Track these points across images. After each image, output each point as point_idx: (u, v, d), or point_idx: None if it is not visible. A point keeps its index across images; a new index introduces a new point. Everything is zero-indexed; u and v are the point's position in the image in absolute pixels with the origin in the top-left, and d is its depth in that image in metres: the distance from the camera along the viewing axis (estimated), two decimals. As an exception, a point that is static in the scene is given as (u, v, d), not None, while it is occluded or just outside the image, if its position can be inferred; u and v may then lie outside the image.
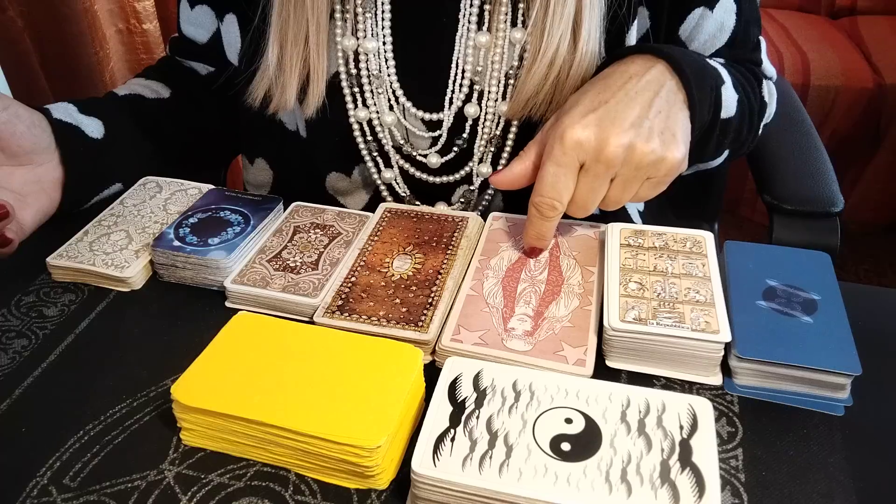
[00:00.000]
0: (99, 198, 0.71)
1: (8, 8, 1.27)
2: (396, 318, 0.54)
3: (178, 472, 0.46)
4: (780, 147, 0.82)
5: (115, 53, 1.48)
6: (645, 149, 0.52)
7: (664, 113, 0.54)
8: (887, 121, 1.77)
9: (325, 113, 0.68)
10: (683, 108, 0.56)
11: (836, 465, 0.45)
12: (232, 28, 0.72)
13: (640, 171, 0.53)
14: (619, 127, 0.52)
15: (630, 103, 0.54)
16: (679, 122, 0.55)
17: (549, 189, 0.54)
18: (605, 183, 0.54)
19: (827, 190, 0.74)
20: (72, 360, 0.54)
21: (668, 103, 0.55)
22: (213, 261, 0.59)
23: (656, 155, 0.52)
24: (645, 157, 0.52)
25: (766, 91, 0.73)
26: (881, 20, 1.98)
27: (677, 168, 0.54)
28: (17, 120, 0.61)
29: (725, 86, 0.63)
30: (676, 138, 0.54)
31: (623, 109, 0.53)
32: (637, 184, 0.54)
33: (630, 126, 0.52)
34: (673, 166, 0.53)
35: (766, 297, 0.53)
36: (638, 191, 0.55)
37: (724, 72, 0.65)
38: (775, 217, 0.74)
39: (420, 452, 0.42)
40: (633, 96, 0.54)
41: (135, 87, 0.77)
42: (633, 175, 0.54)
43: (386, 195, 0.73)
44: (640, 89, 0.55)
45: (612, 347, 0.51)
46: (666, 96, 0.55)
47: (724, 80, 0.63)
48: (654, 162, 0.53)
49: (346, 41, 0.66)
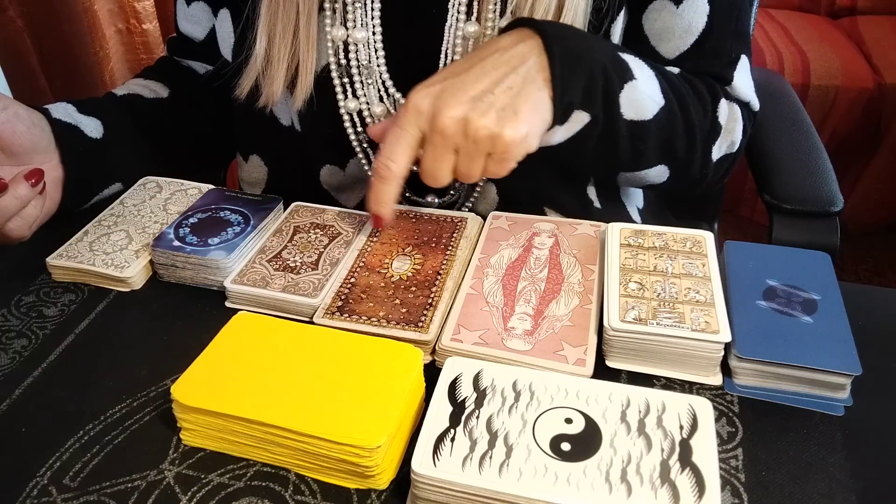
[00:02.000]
0: (99, 197, 0.71)
1: (8, 8, 1.27)
2: (396, 319, 0.54)
3: (178, 472, 0.46)
4: (780, 147, 0.82)
5: (115, 53, 1.48)
6: (478, 123, 0.51)
7: (515, 90, 0.53)
8: (887, 121, 1.77)
9: (316, 105, 0.68)
10: (543, 87, 0.54)
11: (836, 465, 0.45)
12: (225, 23, 0.72)
13: (479, 146, 0.52)
14: (457, 99, 0.52)
15: (481, 76, 0.53)
16: (529, 101, 0.53)
17: (387, 150, 0.54)
18: (446, 153, 0.53)
19: (827, 190, 0.74)
20: (72, 360, 0.54)
21: (525, 80, 0.53)
22: (213, 261, 0.59)
23: (490, 130, 0.51)
24: (478, 131, 0.51)
25: (725, 114, 0.67)
26: (881, 20, 1.98)
27: (516, 146, 0.52)
28: (16, 119, 0.61)
29: (634, 85, 0.59)
30: (518, 116, 0.52)
31: (471, 81, 0.53)
32: (480, 159, 0.53)
33: (469, 99, 0.52)
34: (509, 144, 0.52)
35: (766, 297, 0.53)
36: (486, 167, 0.54)
37: (644, 72, 0.61)
38: (775, 217, 0.74)
39: (420, 452, 0.42)
40: (488, 69, 0.53)
41: (133, 87, 0.77)
42: (473, 149, 0.53)
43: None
44: (499, 63, 0.54)
45: (612, 347, 0.51)
46: (525, 73, 0.53)
47: (636, 77, 0.59)
48: (488, 137, 0.52)
49: (335, 31, 0.66)
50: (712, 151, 0.67)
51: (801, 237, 0.72)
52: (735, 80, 0.68)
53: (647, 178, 0.67)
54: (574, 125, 0.58)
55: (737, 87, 0.69)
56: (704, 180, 0.69)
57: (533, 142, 0.54)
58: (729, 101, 0.68)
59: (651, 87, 0.61)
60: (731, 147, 0.69)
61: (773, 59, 1.78)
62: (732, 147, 0.69)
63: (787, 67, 1.76)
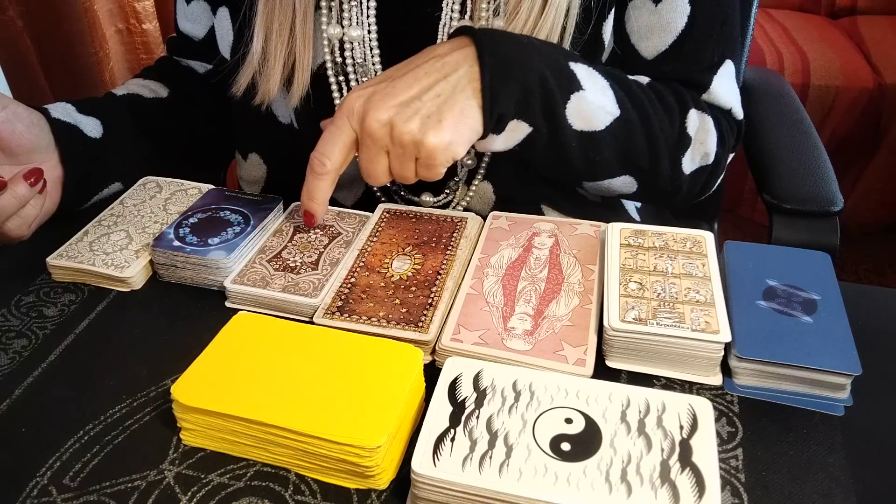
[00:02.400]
0: (99, 197, 0.71)
1: (8, 8, 1.28)
2: (396, 319, 0.54)
3: (178, 472, 0.46)
4: (780, 147, 0.82)
5: (115, 53, 1.48)
6: (402, 129, 0.53)
7: (443, 97, 0.54)
8: (887, 121, 1.77)
9: (312, 102, 0.68)
10: (472, 96, 0.54)
11: (836, 465, 0.45)
12: (224, 21, 0.73)
13: (406, 150, 0.54)
14: (385, 103, 0.53)
15: (413, 82, 0.54)
16: (455, 109, 0.54)
17: (322, 146, 0.56)
18: (378, 155, 0.55)
19: (826, 189, 0.74)
20: (72, 360, 0.54)
21: (455, 89, 0.54)
22: (213, 261, 0.59)
23: (413, 136, 0.53)
24: (402, 136, 0.53)
25: (695, 125, 0.65)
26: (881, 20, 1.98)
27: (439, 153, 0.53)
28: (15, 119, 0.61)
29: (581, 96, 0.58)
30: (441, 124, 0.53)
31: (402, 87, 0.54)
32: (409, 162, 0.55)
33: (397, 104, 0.53)
34: (431, 150, 0.53)
35: (766, 297, 0.53)
36: (417, 171, 0.55)
37: (597, 83, 0.60)
38: (775, 216, 0.74)
39: (420, 452, 0.42)
40: (420, 76, 0.55)
41: (133, 88, 0.78)
42: (401, 153, 0.54)
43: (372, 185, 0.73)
44: (432, 70, 0.55)
45: (612, 347, 0.51)
46: (455, 81, 0.54)
47: (584, 88, 0.59)
48: (412, 143, 0.53)
49: (331, 29, 0.66)
50: (682, 163, 0.66)
51: (801, 237, 0.72)
52: (714, 85, 0.67)
53: (612, 188, 0.66)
54: (515, 134, 0.59)
55: (715, 92, 0.67)
56: (679, 192, 0.68)
57: (458, 149, 0.54)
58: (700, 111, 0.66)
59: (603, 97, 0.60)
60: (706, 159, 0.67)
61: (773, 59, 1.78)
62: (707, 159, 0.67)
63: (787, 67, 1.76)
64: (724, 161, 0.69)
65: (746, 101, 0.92)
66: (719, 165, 0.69)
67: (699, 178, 0.68)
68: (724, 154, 0.68)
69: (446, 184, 0.72)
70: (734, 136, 0.70)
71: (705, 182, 0.69)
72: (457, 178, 0.71)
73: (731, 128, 0.70)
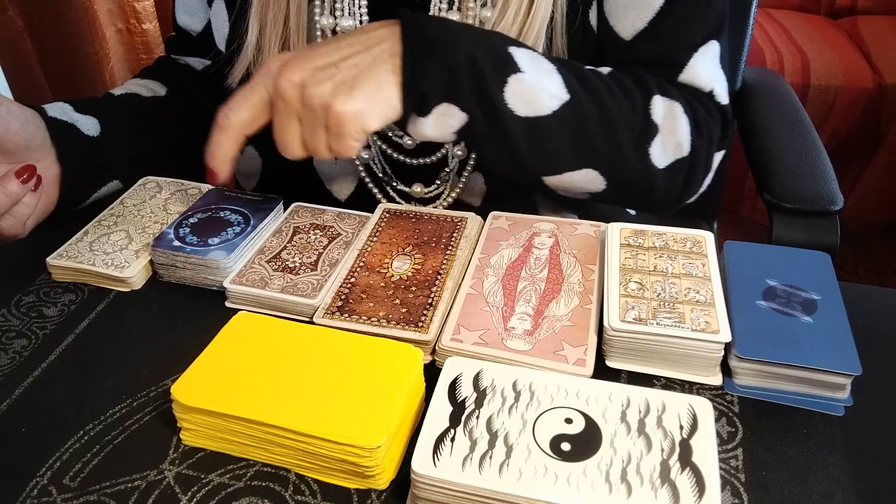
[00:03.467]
0: (97, 195, 0.71)
1: (8, 8, 1.28)
2: (396, 319, 0.54)
3: (178, 472, 0.46)
4: (780, 146, 0.82)
5: (115, 53, 1.48)
6: (313, 91, 0.52)
7: (360, 67, 0.54)
8: (887, 121, 1.77)
9: None
10: (391, 71, 0.54)
11: (836, 465, 0.45)
12: (220, 13, 0.73)
13: (315, 115, 0.53)
14: (300, 66, 0.53)
15: (333, 51, 0.54)
16: (371, 80, 0.53)
17: (232, 102, 0.56)
18: (290, 122, 0.55)
19: (826, 188, 0.74)
20: (72, 360, 0.54)
21: (374, 62, 0.54)
22: (213, 261, 0.59)
23: (322, 100, 0.52)
24: (312, 99, 0.52)
25: (661, 112, 0.62)
26: (881, 20, 1.98)
27: (347, 119, 0.52)
28: (9, 117, 0.61)
29: (520, 78, 0.56)
30: (353, 92, 0.52)
31: (322, 54, 0.54)
32: (320, 130, 0.54)
33: (312, 68, 0.53)
34: (339, 116, 0.52)
35: (766, 297, 0.53)
36: (328, 141, 0.54)
37: (541, 66, 0.58)
38: (775, 215, 0.74)
39: (420, 452, 0.42)
40: (343, 46, 0.55)
41: (131, 87, 0.78)
42: (311, 118, 0.54)
43: (364, 176, 0.74)
44: (356, 42, 0.55)
45: (612, 347, 0.51)
46: (377, 54, 0.54)
47: (523, 70, 0.57)
48: (321, 106, 0.53)
49: (324, 20, 0.67)
50: (650, 154, 0.62)
51: (801, 236, 0.72)
52: (693, 63, 0.64)
53: (575, 183, 0.63)
54: (448, 119, 0.57)
55: (694, 71, 0.64)
56: (655, 189, 0.64)
57: (369, 121, 0.53)
58: (667, 97, 0.63)
59: (548, 81, 0.58)
60: (680, 150, 0.63)
61: (773, 59, 1.78)
62: (681, 150, 0.63)
63: (787, 67, 1.76)
64: (704, 154, 0.64)
65: (746, 100, 0.93)
66: (699, 158, 0.64)
67: (677, 173, 0.64)
68: (703, 145, 0.64)
69: (437, 175, 0.72)
70: (719, 125, 0.66)
71: (687, 179, 0.65)
72: (448, 168, 0.71)
73: (713, 115, 0.66)
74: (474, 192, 0.72)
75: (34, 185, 0.62)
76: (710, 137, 0.65)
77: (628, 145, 0.61)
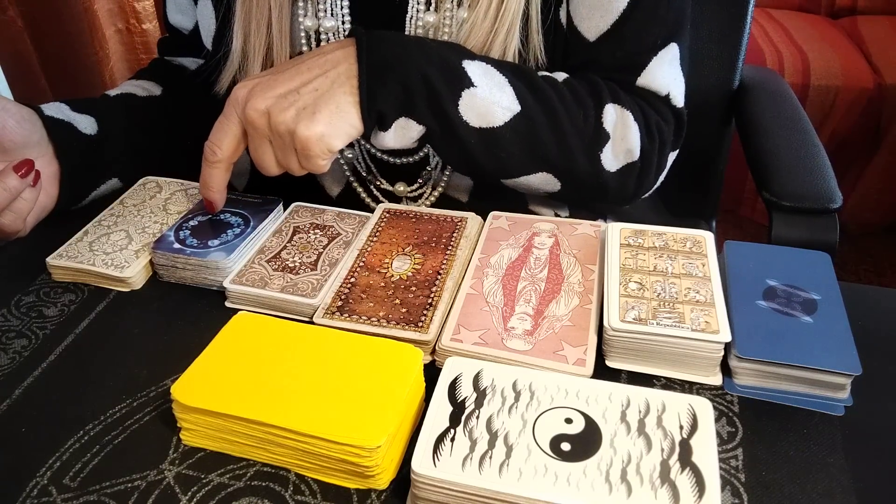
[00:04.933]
0: (97, 193, 0.71)
1: (8, 8, 1.28)
2: (396, 319, 0.54)
3: (178, 472, 0.46)
4: (779, 145, 0.82)
5: (115, 53, 1.48)
6: (277, 118, 0.56)
7: (320, 91, 0.57)
8: (887, 121, 1.77)
9: None
10: (349, 92, 0.57)
11: (836, 465, 0.45)
12: (206, 11, 0.73)
13: (284, 140, 0.57)
14: (265, 94, 0.56)
15: (295, 76, 0.57)
16: (331, 103, 0.56)
17: (213, 135, 0.60)
18: (262, 144, 0.58)
19: (825, 187, 0.74)
20: (72, 360, 0.54)
21: (333, 85, 0.57)
22: (213, 262, 0.59)
23: (287, 126, 0.56)
24: (278, 126, 0.56)
25: (612, 120, 0.64)
26: (881, 20, 1.97)
27: (311, 143, 0.56)
28: (5, 114, 0.62)
29: (472, 93, 0.59)
30: (315, 117, 0.56)
31: (283, 80, 0.57)
32: (290, 153, 0.58)
33: (276, 95, 0.56)
34: (304, 141, 0.55)
35: (766, 297, 0.53)
36: (300, 161, 0.58)
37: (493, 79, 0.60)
38: (774, 214, 0.74)
39: (420, 452, 0.42)
40: (303, 70, 0.58)
41: (127, 88, 0.78)
42: (281, 143, 0.57)
43: (348, 174, 0.75)
44: (314, 66, 0.58)
45: (612, 347, 0.51)
46: (334, 77, 0.57)
47: (475, 85, 0.59)
48: (287, 132, 0.56)
49: (307, 21, 0.68)
50: (602, 160, 0.64)
51: (801, 234, 0.72)
52: (651, 67, 0.66)
53: (533, 185, 0.66)
54: (407, 132, 0.60)
55: (651, 75, 0.66)
56: (606, 191, 0.67)
57: (333, 142, 0.57)
58: (619, 105, 0.64)
59: (500, 94, 0.60)
60: (630, 156, 0.65)
61: (773, 59, 1.78)
62: (631, 156, 0.65)
63: (787, 67, 1.76)
64: (656, 157, 0.67)
65: (745, 100, 0.93)
66: (649, 161, 0.66)
67: (628, 176, 0.66)
68: (654, 149, 0.66)
69: (419, 173, 0.74)
70: (672, 127, 0.68)
71: (639, 180, 0.67)
72: (429, 167, 0.72)
73: (667, 119, 0.67)
74: (460, 188, 0.73)
75: (33, 179, 0.62)
76: (663, 141, 0.67)
77: (579, 152, 0.64)
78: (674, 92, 0.67)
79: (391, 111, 0.58)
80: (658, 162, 0.68)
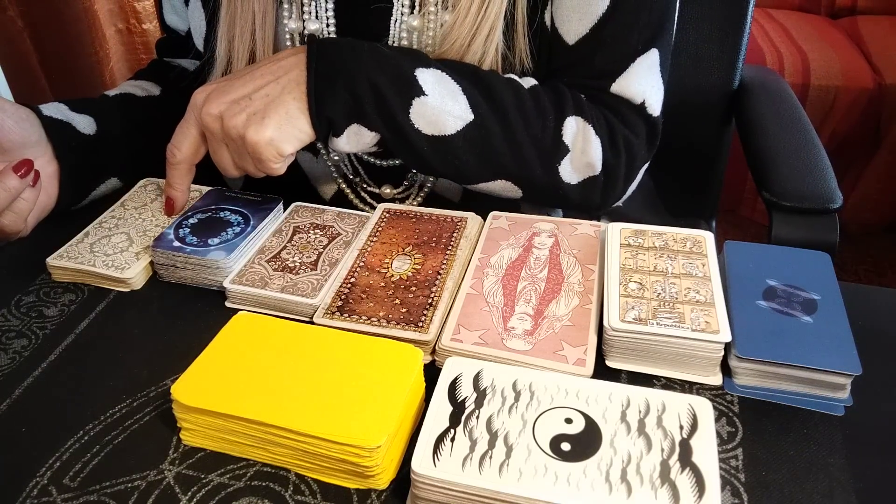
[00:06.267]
0: (96, 193, 0.71)
1: (8, 8, 1.28)
2: (396, 319, 0.54)
3: (178, 472, 0.46)
4: (778, 144, 0.82)
5: (115, 53, 1.48)
6: (229, 123, 0.58)
7: (270, 97, 0.58)
8: (887, 121, 1.77)
9: None
10: (299, 98, 0.58)
11: (836, 465, 0.45)
12: (196, 13, 0.74)
13: (238, 144, 0.58)
14: (219, 100, 0.58)
15: (248, 82, 0.59)
16: (281, 109, 0.57)
17: (173, 137, 0.62)
18: (219, 147, 0.60)
19: (825, 186, 0.74)
20: (72, 360, 0.54)
21: (283, 91, 0.58)
22: (213, 261, 0.59)
23: (237, 131, 0.57)
24: (230, 130, 0.58)
25: (572, 133, 0.63)
26: (881, 20, 1.97)
27: (261, 148, 0.57)
28: (3, 115, 0.62)
29: (423, 101, 0.59)
30: (264, 122, 0.57)
31: (237, 86, 0.59)
32: (245, 156, 0.59)
33: (229, 101, 0.58)
34: (254, 145, 0.57)
35: (766, 297, 0.53)
36: (255, 164, 0.59)
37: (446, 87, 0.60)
38: (774, 214, 0.74)
39: (420, 452, 0.42)
40: (256, 76, 0.59)
41: (126, 88, 0.78)
42: (235, 146, 0.59)
43: (337, 177, 0.76)
44: (267, 72, 0.59)
45: (612, 347, 0.51)
46: (284, 84, 0.58)
47: (426, 94, 0.59)
48: (238, 137, 0.58)
49: (291, 24, 0.69)
50: (560, 172, 0.64)
51: (801, 234, 0.72)
52: (628, 74, 0.64)
53: (495, 191, 0.66)
54: (361, 138, 0.61)
55: (626, 81, 0.65)
56: (569, 201, 0.66)
57: (283, 146, 0.58)
58: (582, 117, 0.63)
59: (452, 103, 0.60)
60: (590, 170, 0.64)
61: (773, 59, 1.78)
62: (592, 170, 0.64)
63: (787, 67, 1.76)
64: (623, 170, 0.65)
65: (745, 99, 0.93)
66: (614, 175, 0.65)
67: (591, 188, 0.65)
68: (619, 162, 0.65)
69: (405, 176, 0.74)
70: (644, 139, 0.66)
71: (604, 193, 0.66)
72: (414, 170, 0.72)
73: (637, 129, 0.66)
74: (450, 190, 0.74)
75: (32, 179, 0.62)
76: (631, 155, 0.66)
77: (535, 163, 0.63)
78: (650, 100, 0.66)
79: (341, 117, 0.59)
80: (626, 174, 0.66)
